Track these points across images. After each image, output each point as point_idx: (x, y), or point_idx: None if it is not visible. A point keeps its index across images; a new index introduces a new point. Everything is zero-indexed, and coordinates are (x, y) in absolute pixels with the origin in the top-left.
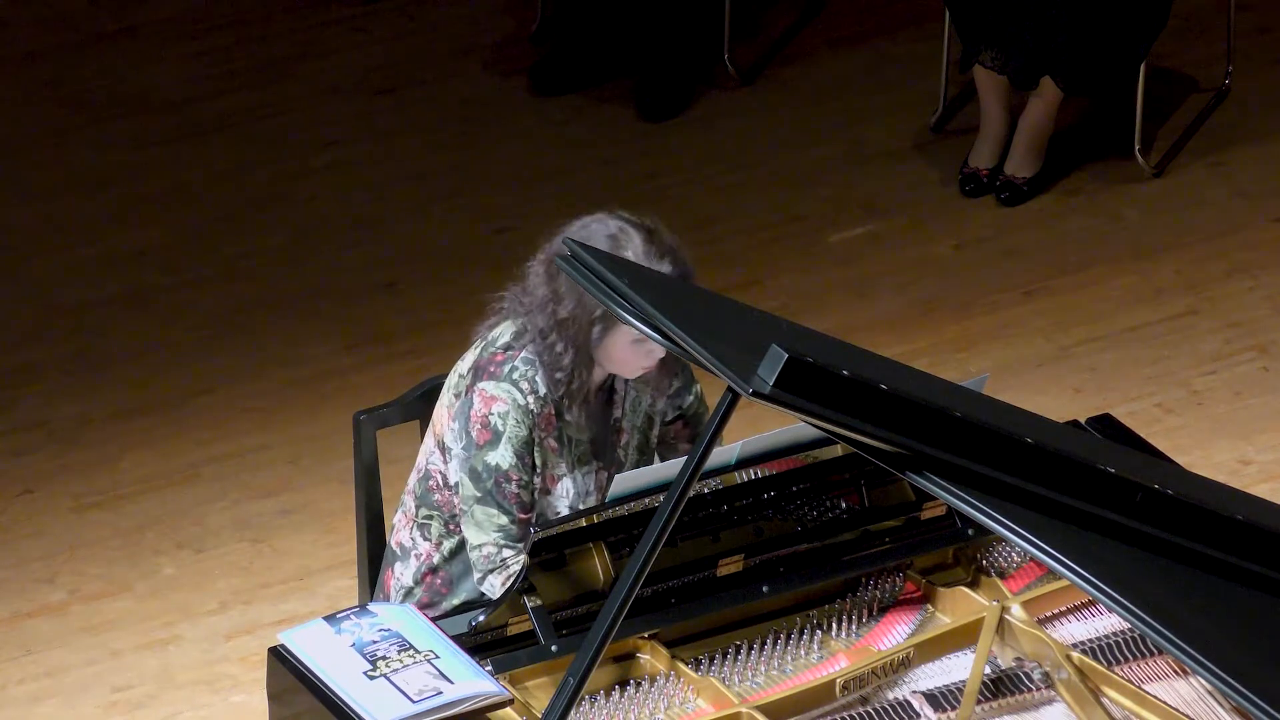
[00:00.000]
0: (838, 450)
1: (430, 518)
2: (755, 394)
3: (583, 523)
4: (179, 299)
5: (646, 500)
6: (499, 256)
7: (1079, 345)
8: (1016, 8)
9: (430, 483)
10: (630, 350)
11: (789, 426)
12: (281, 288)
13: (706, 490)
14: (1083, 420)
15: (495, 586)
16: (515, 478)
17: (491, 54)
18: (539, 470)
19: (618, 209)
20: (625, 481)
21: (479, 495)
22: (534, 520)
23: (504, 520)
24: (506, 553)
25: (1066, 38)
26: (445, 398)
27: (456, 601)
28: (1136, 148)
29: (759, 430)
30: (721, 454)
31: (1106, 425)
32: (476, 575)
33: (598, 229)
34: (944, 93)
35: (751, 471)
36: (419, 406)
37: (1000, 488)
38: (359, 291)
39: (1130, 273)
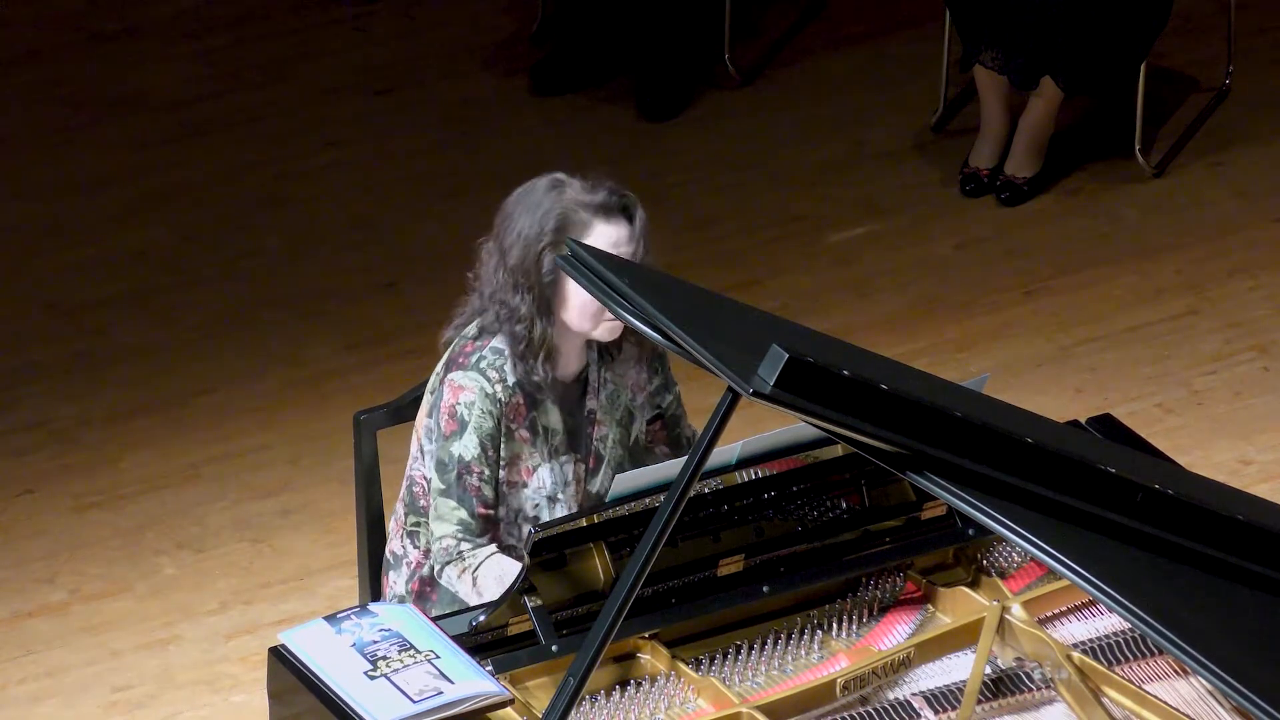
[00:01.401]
0: (838, 450)
1: (418, 525)
2: (756, 394)
3: (583, 523)
4: (179, 299)
5: (647, 500)
6: None
7: (1079, 345)
8: (1017, 8)
9: (416, 489)
10: (585, 307)
11: (789, 426)
12: (281, 288)
13: (707, 490)
14: (1083, 420)
15: (453, 578)
16: (477, 470)
17: (491, 54)
18: (510, 463)
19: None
20: (626, 481)
21: (443, 487)
22: (501, 514)
23: (463, 513)
24: (464, 546)
25: (1067, 38)
26: (424, 400)
27: (449, 607)
28: (1137, 148)
29: (759, 430)
30: (722, 454)
31: (1107, 425)
32: (436, 567)
33: (538, 182)
34: (944, 93)
35: (752, 471)
36: (418, 407)
37: (1000, 488)
38: (359, 291)
39: (1131, 273)
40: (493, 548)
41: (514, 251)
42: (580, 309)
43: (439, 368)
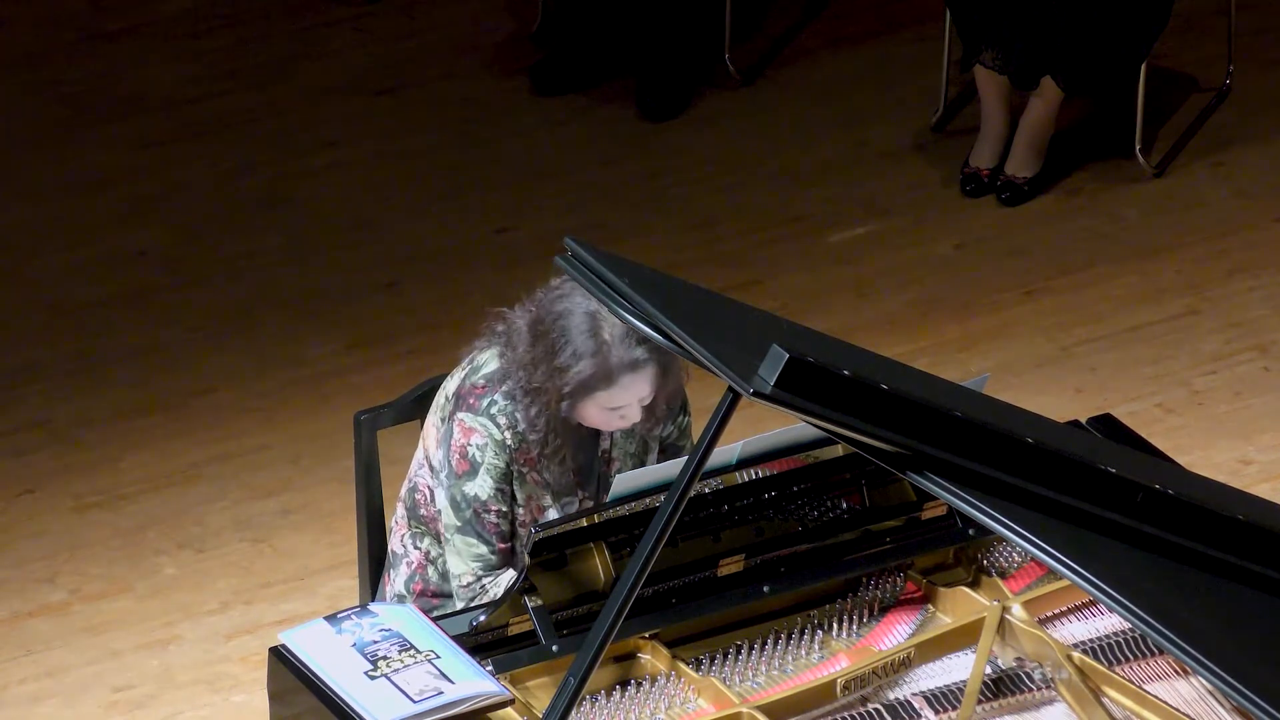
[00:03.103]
0: (838, 450)
1: (420, 529)
2: (756, 394)
3: (583, 523)
4: (179, 299)
5: (647, 500)
6: (499, 256)
7: (1080, 345)
8: (1017, 8)
9: (418, 496)
10: (602, 416)
11: (790, 426)
12: (281, 288)
13: (707, 490)
14: (1084, 420)
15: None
16: (494, 508)
17: (491, 54)
18: (523, 502)
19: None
20: (626, 481)
21: (459, 525)
22: (516, 547)
23: (483, 550)
24: (486, 580)
25: (1067, 38)
26: (433, 417)
27: (449, 610)
28: (1137, 148)
29: (759, 430)
30: (722, 454)
31: (1107, 425)
32: (459, 605)
33: (577, 318)
34: (945, 93)
35: (752, 471)
36: (419, 407)
37: (1001, 488)
38: (359, 291)
39: (1131, 273)
40: (511, 572)
41: (540, 371)
42: (591, 422)
43: (451, 392)
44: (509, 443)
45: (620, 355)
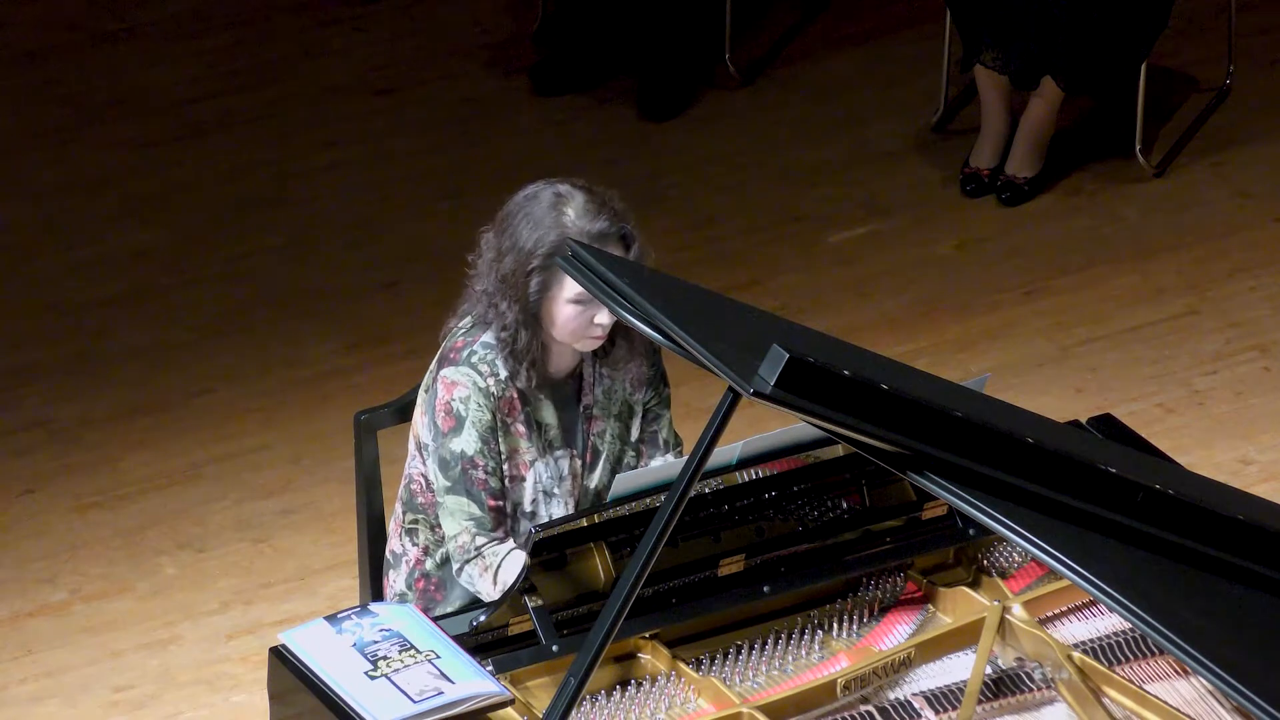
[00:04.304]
0: (839, 450)
1: (416, 523)
2: (756, 394)
3: (583, 523)
4: (179, 299)
5: (647, 500)
6: None
7: (1080, 345)
8: (1018, 8)
9: (414, 486)
10: (570, 310)
11: (790, 427)
12: (281, 288)
13: (708, 490)
14: (1084, 420)
15: (474, 577)
16: (481, 463)
17: (492, 54)
18: (509, 458)
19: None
20: (626, 482)
21: (449, 485)
22: (507, 508)
23: (473, 508)
24: (480, 540)
25: (1067, 37)
26: (419, 398)
27: (450, 607)
28: (1137, 148)
29: (760, 430)
30: (722, 454)
31: (1108, 425)
32: (455, 567)
33: (543, 192)
34: (945, 93)
35: (752, 471)
36: None
37: (1001, 488)
38: (359, 291)
39: (1131, 273)
40: (510, 543)
41: (507, 260)
42: (563, 325)
43: (433, 364)
44: (492, 390)
45: (581, 225)
